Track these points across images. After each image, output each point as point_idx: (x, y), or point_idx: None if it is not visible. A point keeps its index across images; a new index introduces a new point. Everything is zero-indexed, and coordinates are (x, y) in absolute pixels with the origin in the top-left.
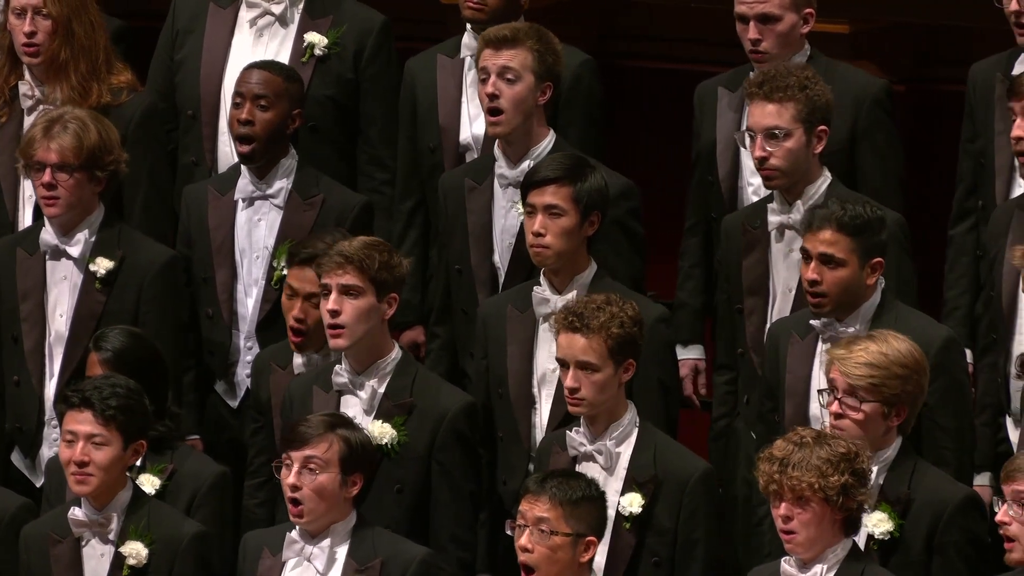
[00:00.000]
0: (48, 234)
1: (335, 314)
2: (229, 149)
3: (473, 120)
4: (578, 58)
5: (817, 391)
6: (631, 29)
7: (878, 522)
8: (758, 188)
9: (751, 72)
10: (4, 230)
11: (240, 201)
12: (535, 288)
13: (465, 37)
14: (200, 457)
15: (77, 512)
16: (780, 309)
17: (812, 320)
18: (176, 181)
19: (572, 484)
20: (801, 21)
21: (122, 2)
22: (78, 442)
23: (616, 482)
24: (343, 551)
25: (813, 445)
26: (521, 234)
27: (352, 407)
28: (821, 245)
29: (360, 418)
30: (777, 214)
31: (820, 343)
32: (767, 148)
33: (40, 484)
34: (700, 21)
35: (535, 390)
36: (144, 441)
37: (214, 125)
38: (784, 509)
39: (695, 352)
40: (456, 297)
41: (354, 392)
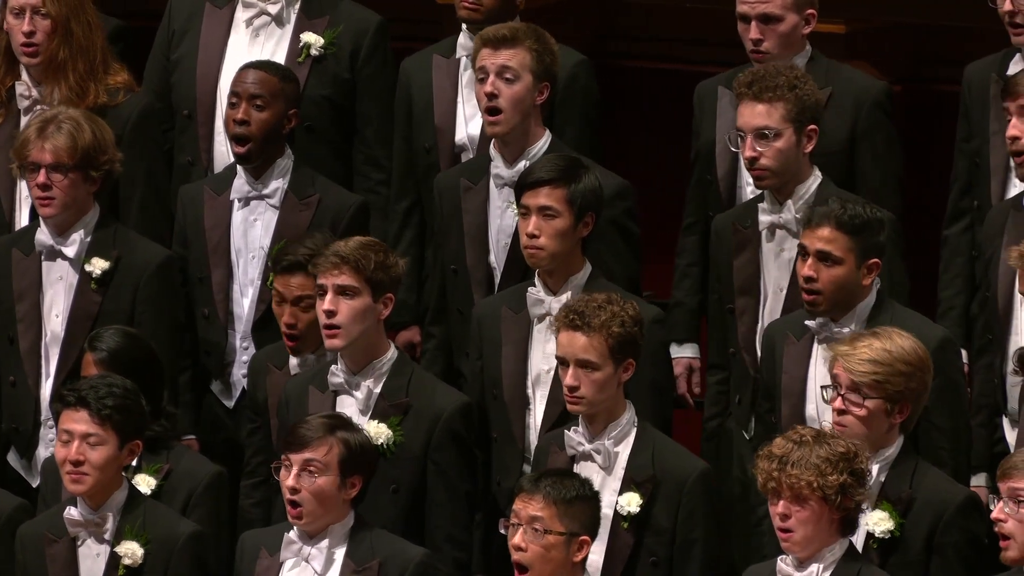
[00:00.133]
0: (43, 234)
1: (331, 314)
2: (225, 149)
3: (469, 120)
4: (574, 58)
5: (820, 387)
6: (629, 29)
7: (879, 520)
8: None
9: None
10: (0, 231)
11: (236, 201)
12: (529, 289)
13: (461, 37)
14: (196, 457)
15: (73, 512)
16: (771, 309)
17: (808, 321)
18: (172, 181)
19: (566, 483)
20: (803, 22)
21: (120, 2)
22: (74, 441)
23: (614, 482)
24: (341, 552)
25: (813, 444)
26: (517, 234)
27: (348, 407)
28: (819, 242)
29: (356, 418)
30: (768, 214)
31: (816, 344)
32: (757, 148)
33: (36, 484)
34: (699, 21)
35: (529, 391)
36: (140, 441)
37: (210, 125)
38: (782, 507)
39: (690, 351)
40: (452, 297)
41: (350, 392)
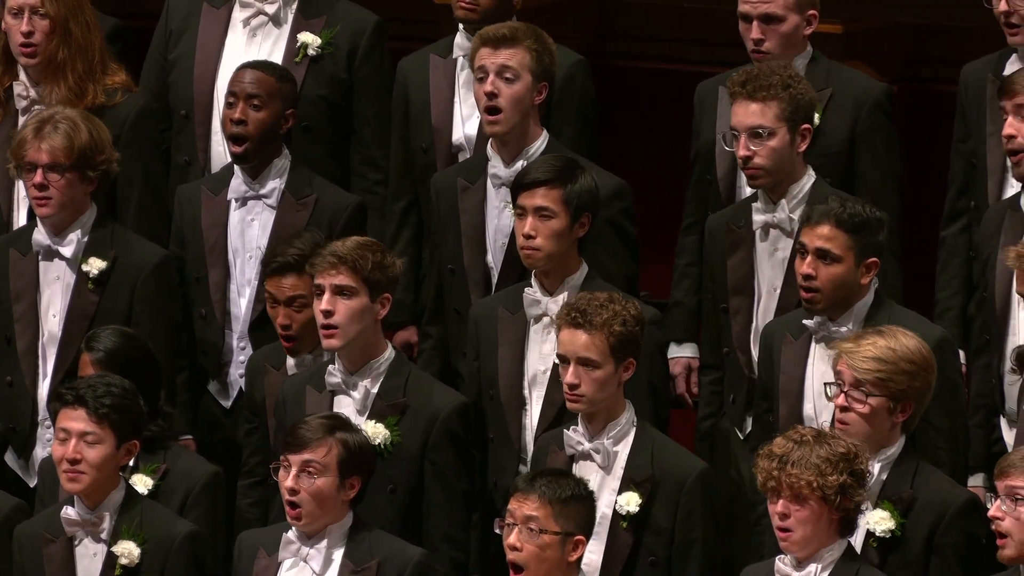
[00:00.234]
0: (40, 234)
1: (328, 314)
2: (222, 149)
3: (466, 120)
4: (571, 58)
5: (824, 384)
6: (628, 29)
7: (880, 520)
8: None
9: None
10: None
11: (233, 201)
12: (526, 290)
13: (457, 37)
14: (193, 457)
15: (70, 511)
16: (765, 308)
17: (805, 320)
18: (169, 181)
19: (561, 483)
20: (804, 23)
21: (118, 2)
22: (71, 439)
23: (613, 481)
24: (339, 552)
25: (813, 444)
26: (514, 234)
27: (345, 407)
28: (818, 240)
29: (353, 418)
30: (762, 213)
31: (813, 343)
32: (751, 147)
33: (33, 485)
34: (698, 21)
35: (526, 391)
36: (137, 441)
37: (207, 125)
38: (781, 506)
39: (689, 351)
40: (449, 297)
41: (347, 392)
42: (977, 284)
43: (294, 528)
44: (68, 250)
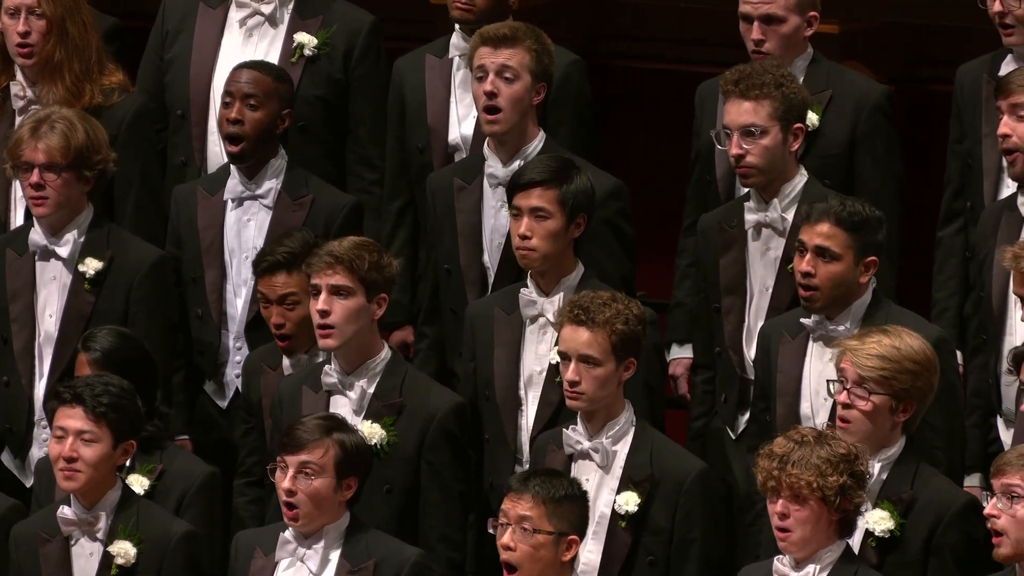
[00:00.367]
0: (37, 234)
1: (325, 314)
2: (219, 149)
3: (462, 120)
4: (567, 58)
5: (827, 381)
6: (625, 29)
7: (879, 520)
8: None
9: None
10: None
11: (229, 201)
12: (522, 290)
13: (453, 37)
14: (189, 457)
15: (66, 511)
16: (757, 308)
17: (803, 319)
18: (165, 181)
19: (555, 483)
20: (805, 24)
21: (115, 3)
22: (68, 437)
23: (612, 481)
24: (336, 552)
25: (814, 444)
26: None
27: (341, 407)
28: (818, 238)
29: (349, 418)
30: (754, 212)
31: (811, 342)
32: (743, 146)
33: (30, 485)
34: (693, 21)
35: (521, 392)
36: (134, 441)
37: (203, 125)
38: (781, 506)
39: (691, 351)
40: (445, 297)
41: (343, 392)
42: (973, 284)
43: (291, 528)
44: (64, 250)
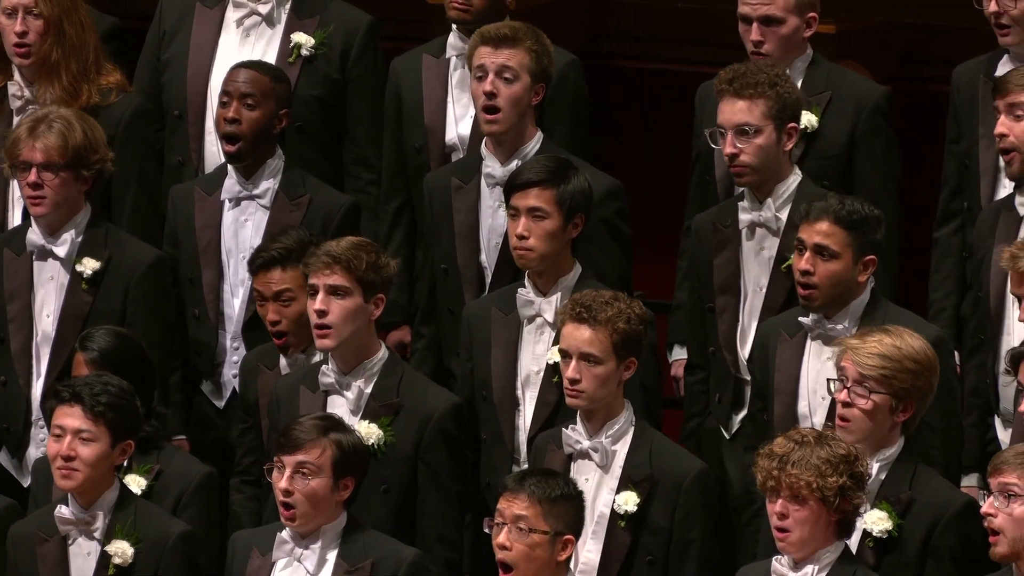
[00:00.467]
0: (35, 234)
1: (322, 314)
2: (216, 149)
3: (459, 120)
4: (564, 58)
5: (827, 379)
6: (626, 29)
7: (877, 520)
8: None
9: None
10: None
11: (227, 201)
12: (519, 290)
13: (451, 37)
14: (186, 457)
15: (64, 510)
16: (751, 307)
17: (801, 318)
18: (163, 181)
19: (550, 482)
20: (804, 25)
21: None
22: (66, 436)
23: (611, 480)
24: (333, 552)
25: (814, 444)
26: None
27: (339, 407)
28: (817, 236)
29: (346, 418)
30: (748, 212)
31: (809, 341)
32: (737, 145)
33: (27, 484)
34: (693, 22)
35: (519, 392)
36: (132, 441)
37: (200, 125)
38: (780, 506)
39: None
40: (442, 297)
41: (341, 392)
42: (970, 284)
43: (288, 528)
44: (62, 250)
